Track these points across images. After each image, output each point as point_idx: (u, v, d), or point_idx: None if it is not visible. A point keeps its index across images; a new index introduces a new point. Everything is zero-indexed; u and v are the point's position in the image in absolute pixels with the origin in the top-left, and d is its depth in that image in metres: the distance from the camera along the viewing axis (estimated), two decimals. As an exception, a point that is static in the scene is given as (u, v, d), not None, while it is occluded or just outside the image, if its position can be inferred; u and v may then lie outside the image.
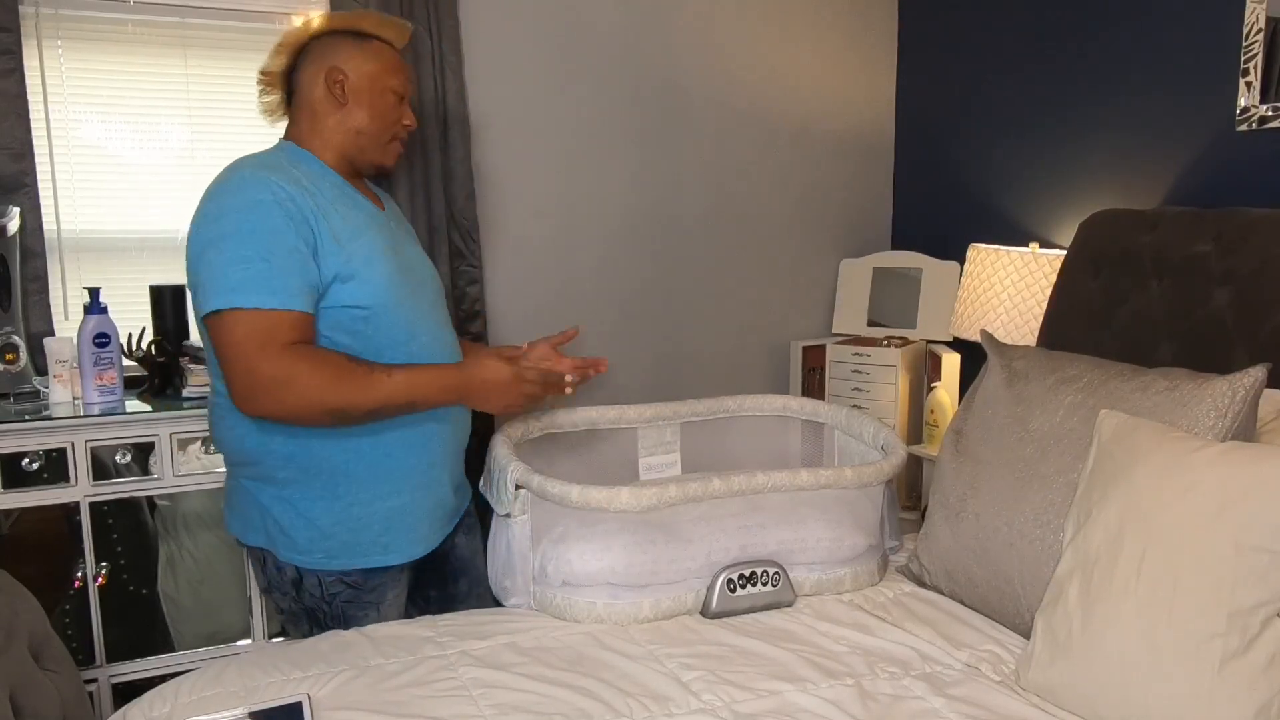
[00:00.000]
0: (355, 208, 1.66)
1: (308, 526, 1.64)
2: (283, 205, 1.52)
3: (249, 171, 1.55)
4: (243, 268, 1.48)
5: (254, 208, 1.50)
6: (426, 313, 1.72)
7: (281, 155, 1.65)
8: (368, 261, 1.60)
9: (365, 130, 1.69)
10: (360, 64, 1.68)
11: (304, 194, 1.56)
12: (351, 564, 1.67)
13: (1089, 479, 1.50)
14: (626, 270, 3.00)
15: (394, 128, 1.73)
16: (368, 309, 1.60)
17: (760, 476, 1.73)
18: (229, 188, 1.54)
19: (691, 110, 3.02)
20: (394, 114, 1.72)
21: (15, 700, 1.51)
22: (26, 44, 2.32)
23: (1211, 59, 2.21)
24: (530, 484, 1.69)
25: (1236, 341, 1.86)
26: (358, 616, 1.71)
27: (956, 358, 2.80)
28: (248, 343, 1.48)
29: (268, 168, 1.56)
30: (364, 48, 1.69)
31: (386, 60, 1.71)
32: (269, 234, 1.50)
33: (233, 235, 1.50)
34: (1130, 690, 1.32)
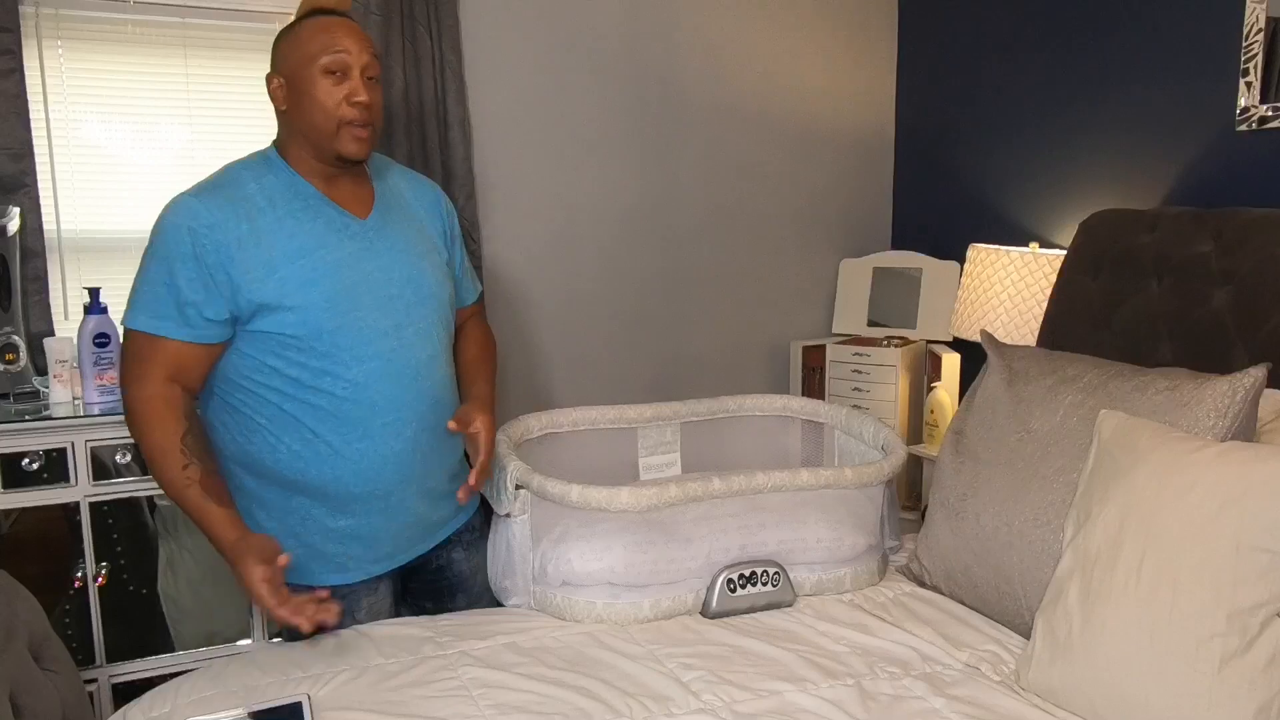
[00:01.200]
0: (314, 221, 1.58)
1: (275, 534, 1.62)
2: (195, 235, 1.50)
3: (188, 195, 1.55)
4: (142, 290, 1.54)
5: (169, 232, 1.52)
6: (388, 332, 1.60)
7: (253, 165, 1.62)
8: (302, 286, 1.54)
9: (311, 128, 1.57)
10: (288, 57, 1.57)
11: (238, 219, 1.53)
12: (311, 580, 1.64)
13: (1089, 479, 1.50)
14: (626, 270, 3.00)
15: (336, 112, 1.56)
16: (297, 336, 1.54)
17: (760, 476, 1.73)
18: (167, 207, 1.55)
19: (691, 110, 3.02)
20: (331, 98, 1.55)
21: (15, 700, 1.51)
22: (26, 44, 2.32)
23: (1211, 59, 2.21)
24: (530, 484, 1.69)
25: (1236, 341, 1.86)
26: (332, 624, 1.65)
27: (956, 358, 2.80)
28: (128, 362, 1.55)
29: (214, 188, 1.56)
30: (291, 35, 1.58)
31: (312, 40, 1.55)
32: (176, 260, 1.51)
33: (150, 256, 1.54)
34: (1130, 690, 1.32)
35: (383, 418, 1.61)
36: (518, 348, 2.87)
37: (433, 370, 1.67)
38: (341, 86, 1.56)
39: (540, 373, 2.91)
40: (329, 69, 1.55)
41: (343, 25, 1.57)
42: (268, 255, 1.53)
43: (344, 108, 1.56)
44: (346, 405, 1.58)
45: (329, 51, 1.54)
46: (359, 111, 1.56)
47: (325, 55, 1.54)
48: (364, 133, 1.58)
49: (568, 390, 2.93)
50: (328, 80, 1.55)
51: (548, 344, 2.92)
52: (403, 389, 1.62)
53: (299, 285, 1.53)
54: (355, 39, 1.57)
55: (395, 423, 1.62)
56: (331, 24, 1.57)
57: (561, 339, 2.93)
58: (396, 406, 1.62)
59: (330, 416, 1.58)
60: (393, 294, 1.62)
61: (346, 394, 1.57)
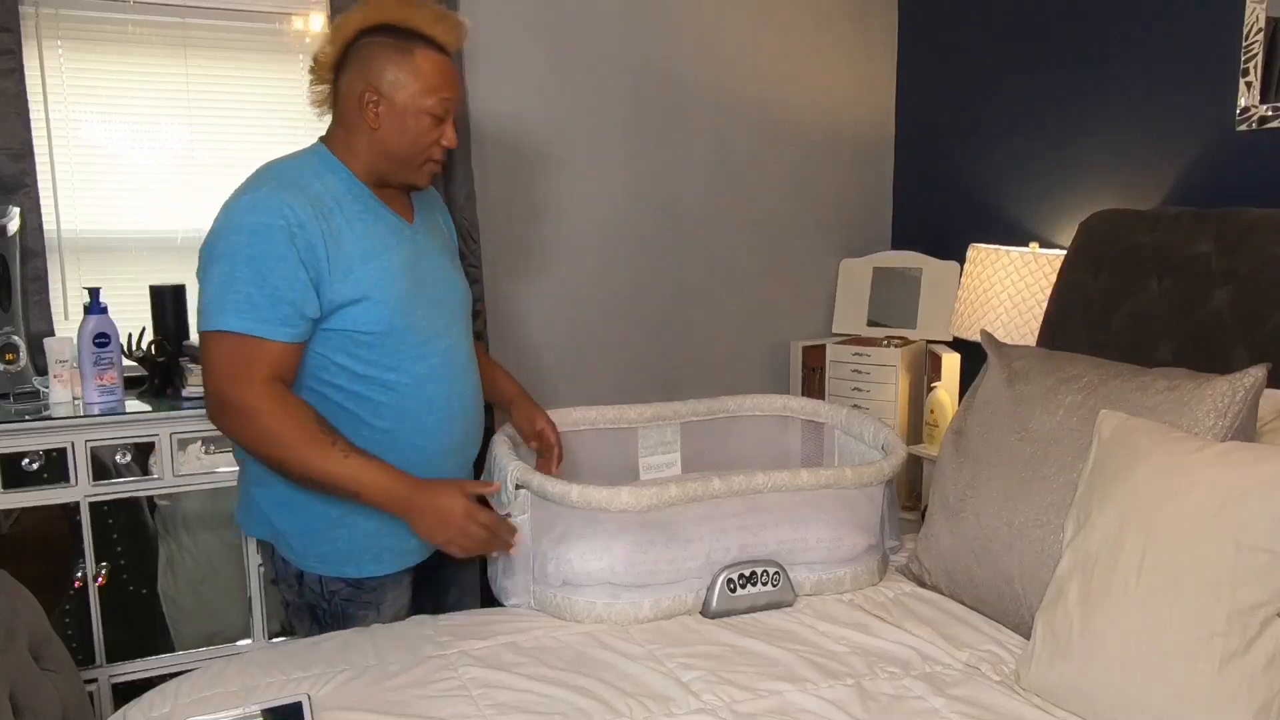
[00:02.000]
0: (377, 223, 1.62)
1: (302, 533, 1.66)
2: (289, 231, 1.50)
3: (266, 191, 1.53)
4: (234, 291, 1.49)
5: (259, 231, 1.50)
6: (442, 331, 1.69)
7: (310, 163, 1.62)
8: (378, 284, 1.58)
9: (395, 154, 1.62)
10: (397, 82, 1.58)
11: (318, 217, 1.54)
12: (344, 571, 1.68)
13: (1089, 479, 1.50)
14: (626, 270, 3.00)
15: (427, 150, 1.64)
16: (373, 334, 1.59)
17: (760, 476, 1.73)
18: (244, 205, 1.53)
19: (692, 110, 3.02)
20: (428, 137, 1.62)
21: (15, 700, 1.51)
22: (26, 44, 2.32)
23: (1211, 59, 2.21)
24: (530, 484, 1.69)
25: (1236, 341, 1.86)
26: (357, 616, 1.71)
27: (956, 358, 2.80)
28: (225, 366, 1.50)
29: (288, 186, 1.54)
30: (405, 61, 1.58)
31: (428, 78, 1.59)
32: (271, 260, 1.49)
33: (233, 256, 1.50)
34: (1130, 690, 1.32)
35: (437, 414, 1.68)
36: (518, 348, 2.87)
37: (473, 368, 1.77)
38: (438, 129, 1.63)
39: (540, 373, 2.91)
40: (435, 113, 1.61)
41: (453, 71, 1.64)
42: (346, 254, 1.56)
43: (435, 148, 1.64)
44: (406, 401, 1.64)
45: (443, 99, 1.61)
46: (442, 152, 1.66)
47: (439, 101, 1.60)
48: (438, 169, 1.69)
49: (568, 390, 2.93)
50: (430, 122, 1.61)
51: (547, 343, 2.92)
52: (454, 386, 1.70)
53: (375, 284, 1.57)
54: (456, 84, 1.64)
55: (447, 418, 1.70)
56: (447, 66, 1.62)
57: (561, 339, 2.93)
58: (448, 402, 1.70)
59: (391, 412, 1.63)
60: (440, 296, 1.70)
61: (407, 390, 1.63)
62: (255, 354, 1.50)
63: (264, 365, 1.50)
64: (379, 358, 1.60)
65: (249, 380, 1.49)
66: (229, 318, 1.49)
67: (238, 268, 1.49)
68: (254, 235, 1.49)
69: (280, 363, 1.52)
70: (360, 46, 1.60)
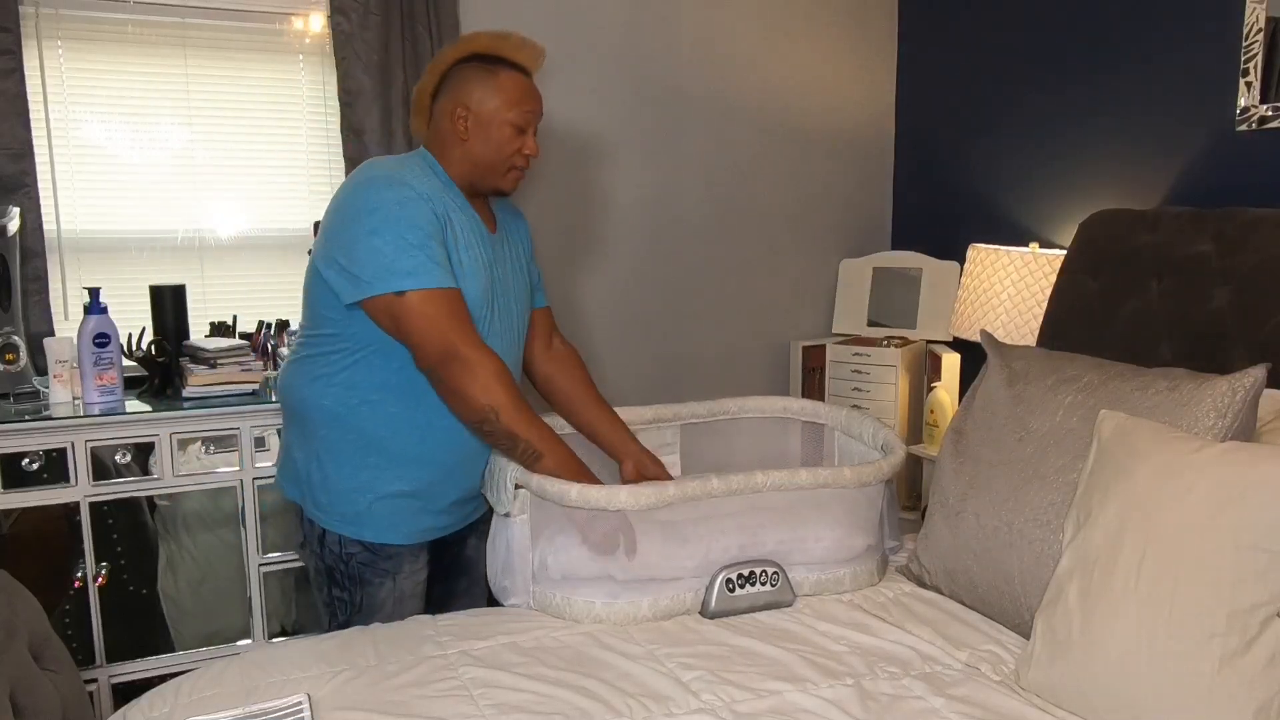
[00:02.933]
0: (469, 225, 1.76)
1: (330, 489, 1.76)
2: (429, 201, 1.68)
3: (392, 171, 1.69)
4: (411, 254, 1.63)
5: (406, 202, 1.65)
6: (502, 333, 1.80)
7: (414, 163, 1.76)
8: (471, 275, 1.72)
9: (482, 161, 1.77)
10: (484, 98, 1.76)
11: (433, 201, 1.69)
12: (360, 534, 1.77)
13: (1089, 479, 1.50)
14: (627, 270, 3.00)
15: (511, 159, 1.79)
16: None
17: (760, 476, 1.73)
18: (378, 183, 1.67)
19: (692, 110, 3.02)
20: (510, 146, 1.78)
21: (15, 700, 1.51)
22: (26, 44, 2.33)
23: (1211, 59, 2.21)
24: (529, 483, 1.69)
25: (1236, 341, 1.86)
26: (373, 582, 1.79)
27: (956, 358, 2.80)
28: (439, 319, 1.64)
29: (409, 172, 1.70)
30: (491, 80, 1.76)
31: (509, 93, 1.77)
32: (424, 224, 1.65)
33: (393, 225, 1.63)
34: (1130, 690, 1.32)
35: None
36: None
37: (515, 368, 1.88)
38: (521, 139, 1.79)
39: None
40: (517, 124, 1.77)
41: (534, 89, 1.81)
42: (453, 238, 1.71)
43: (518, 157, 1.80)
44: None
45: (524, 111, 1.78)
46: (527, 161, 1.81)
47: (519, 113, 1.77)
48: (521, 176, 1.83)
49: (568, 390, 2.93)
50: (512, 131, 1.77)
51: (548, 344, 2.92)
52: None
53: (470, 274, 1.72)
54: (538, 101, 1.82)
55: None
56: (527, 84, 1.80)
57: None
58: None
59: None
60: (507, 304, 1.83)
61: None
62: (455, 304, 1.66)
63: (465, 312, 1.68)
64: None
65: (464, 330, 1.65)
66: (423, 277, 1.63)
67: (403, 233, 1.63)
68: (402, 206, 1.64)
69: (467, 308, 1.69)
70: (453, 74, 1.79)
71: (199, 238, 2.58)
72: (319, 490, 1.77)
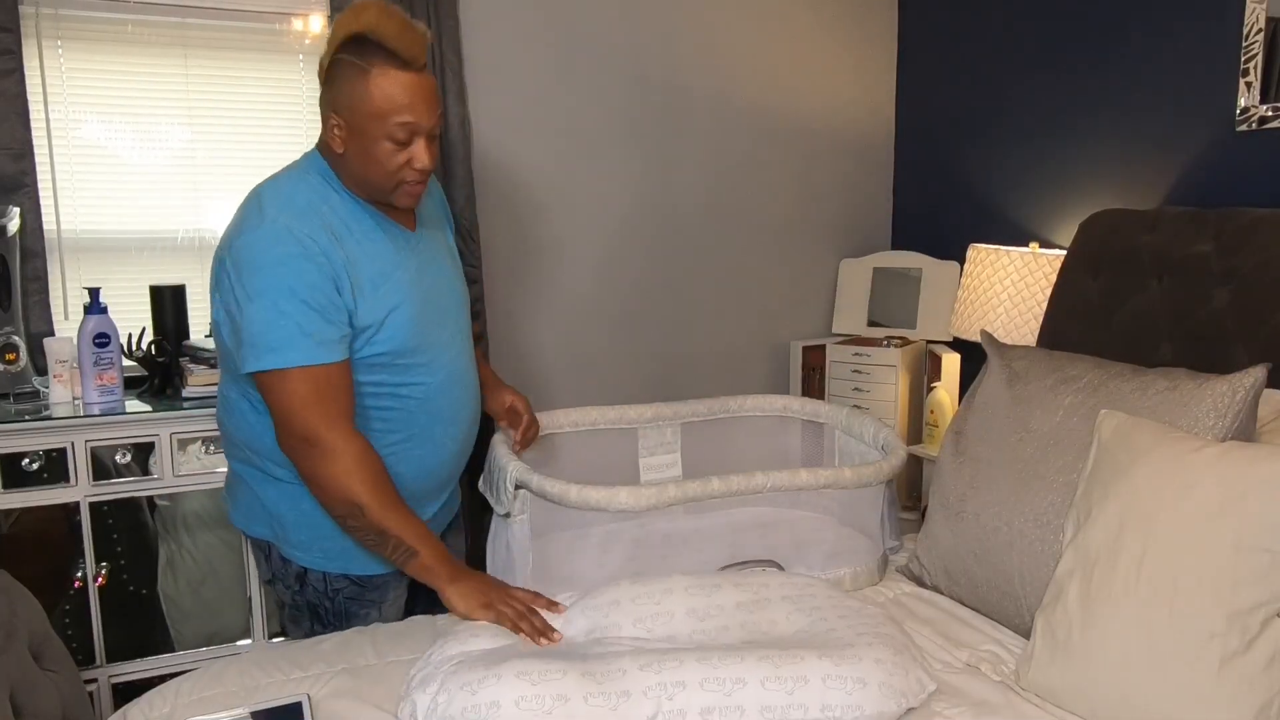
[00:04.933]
0: (385, 240, 1.59)
1: (308, 525, 1.66)
2: (315, 259, 1.47)
3: (285, 221, 1.48)
4: (284, 325, 1.46)
5: (288, 262, 1.46)
6: (447, 342, 1.68)
7: (313, 184, 1.56)
8: (392, 308, 1.56)
9: (362, 179, 1.55)
10: (355, 105, 1.49)
11: (334, 243, 1.50)
12: (346, 569, 1.69)
13: (1089, 479, 1.50)
14: (626, 270, 3.00)
15: (396, 175, 1.53)
16: (387, 354, 1.59)
17: (760, 476, 1.73)
18: (266, 238, 1.47)
19: (692, 110, 3.02)
20: (393, 161, 1.51)
21: (15, 700, 1.51)
22: (26, 44, 2.32)
23: (1211, 59, 2.21)
24: (530, 483, 1.69)
25: (1236, 341, 1.86)
26: (360, 614, 1.72)
27: (956, 358, 2.80)
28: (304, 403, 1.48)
29: (302, 214, 1.50)
30: (362, 82, 1.47)
31: (385, 96, 1.47)
32: (307, 289, 1.46)
33: (273, 290, 1.46)
34: (1130, 690, 1.32)
35: (444, 424, 1.69)
36: (518, 349, 2.87)
37: (473, 371, 1.77)
38: (405, 152, 1.51)
39: (540, 373, 2.91)
40: (395, 137, 1.49)
41: (416, 86, 1.49)
42: (362, 280, 1.53)
43: (406, 171, 1.53)
44: (415, 415, 1.65)
45: (399, 118, 1.48)
46: (419, 174, 1.55)
47: (394, 121, 1.48)
48: (420, 189, 1.57)
49: (568, 390, 2.93)
50: (391, 145, 1.50)
51: (548, 344, 2.92)
52: (458, 395, 1.71)
53: (388, 309, 1.55)
54: (426, 102, 1.50)
55: (453, 426, 1.72)
56: (404, 84, 1.47)
57: (561, 339, 2.93)
58: (455, 411, 1.71)
59: (400, 425, 1.64)
60: (446, 305, 1.68)
61: (417, 405, 1.64)
62: (325, 384, 1.49)
63: (338, 393, 1.50)
64: (390, 377, 1.61)
65: (330, 415, 1.49)
66: (289, 353, 1.46)
67: (280, 301, 1.46)
68: (284, 266, 1.46)
69: (346, 385, 1.52)
70: (334, 62, 1.51)
71: (199, 238, 2.58)
72: (295, 529, 1.66)
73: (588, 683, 1.29)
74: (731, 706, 1.28)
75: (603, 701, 1.27)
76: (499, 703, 1.26)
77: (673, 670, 1.31)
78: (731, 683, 1.30)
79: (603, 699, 1.27)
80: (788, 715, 1.28)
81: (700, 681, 1.30)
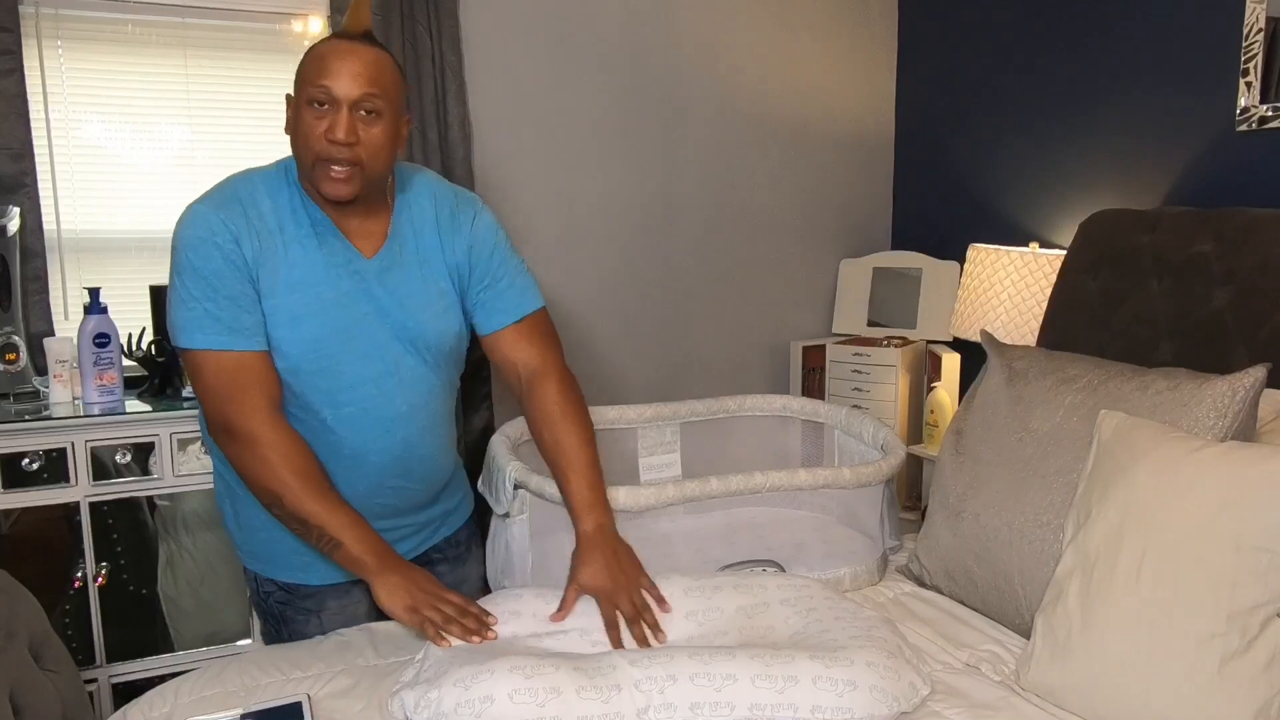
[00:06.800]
0: (319, 252, 1.49)
1: (240, 527, 1.64)
2: (222, 249, 1.42)
3: (205, 206, 1.45)
4: (192, 306, 1.42)
5: (196, 246, 1.42)
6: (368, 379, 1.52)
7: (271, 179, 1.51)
8: (291, 321, 1.46)
9: (297, 158, 1.47)
10: (296, 81, 1.45)
11: (252, 235, 1.44)
12: (273, 574, 1.64)
13: (1089, 479, 1.50)
14: (626, 270, 3.00)
15: (315, 148, 1.41)
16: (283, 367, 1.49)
17: (759, 476, 1.73)
18: (185, 218, 1.45)
19: (692, 110, 3.02)
20: (313, 132, 1.40)
21: (15, 700, 1.51)
22: (26, 44, 2.32)
23: (1211, 59, 2.21)
24: (529, 483, 1.69)
25: (1236, 341, 1.86)
26: (296, 620, 1.65)
27: (956, 358, 2.80)
28: (216, 388, 1.44)
29: (228, 202, 1.45)
30: (308, 54, 1.44)
31: (310, 64, 1.42)
32: (213, 274, 1.42)
33: (181, 271, 1.43)
34: (1130, 690, 1.32)
35: (346, 462, 1.55)
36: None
37: (409, 422, 1.58)
38: (323, 120, 1.41)
39: (540, 373, 2.91)
40: (314, 99, 1.40)
41: (344, 51, 1.41)
42: (270, 279, 1.46)
43: (322, 143, 1.41)
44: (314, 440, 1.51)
45: (317, 81, 1.40)
46: (337, 150, 1.41)
47: (312, 84, 1.40)
48: (343, 173, 1.42)
49: (568, 390, 2.93)
50: (311, 111, 1.41)
51: (548, 344, 2.92)
52: (371, 440, 1.54)
53: (288, 319, 1.46)
54: (351, 67, 1.40)
55: (358, 469, 1.56)
56: (332, 49, 1.42)
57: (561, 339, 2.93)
58: (361, 455, 1.55)
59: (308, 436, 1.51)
60: (381, 341, 1.53)
61: (311, 433, 1.51)
62: (237, 370, 1.43)
63: (252, 380, 1.44)
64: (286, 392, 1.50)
65: (245, 402, 1.43)
66: (195, 335, 1.43)
67: (187, 283, 1.42)
68: (192, 250, 1.42)
69: (264, 373, 1.45)
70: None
71: (199, 238, 2.58)
72: (231, 524, 1.64)
73: (580, 677, 1.30)
74: (721, 702, 1.28)
75: (595, 695, 1.28)
76: (493, 696, 1.26)
77: (664, 665, 1.32)
78: (722, 678, 1.29)
79: (594, 692, 1.28)
80: (777, 714, 1.28)
81: (691, 676, 1.30)
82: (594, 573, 1.50)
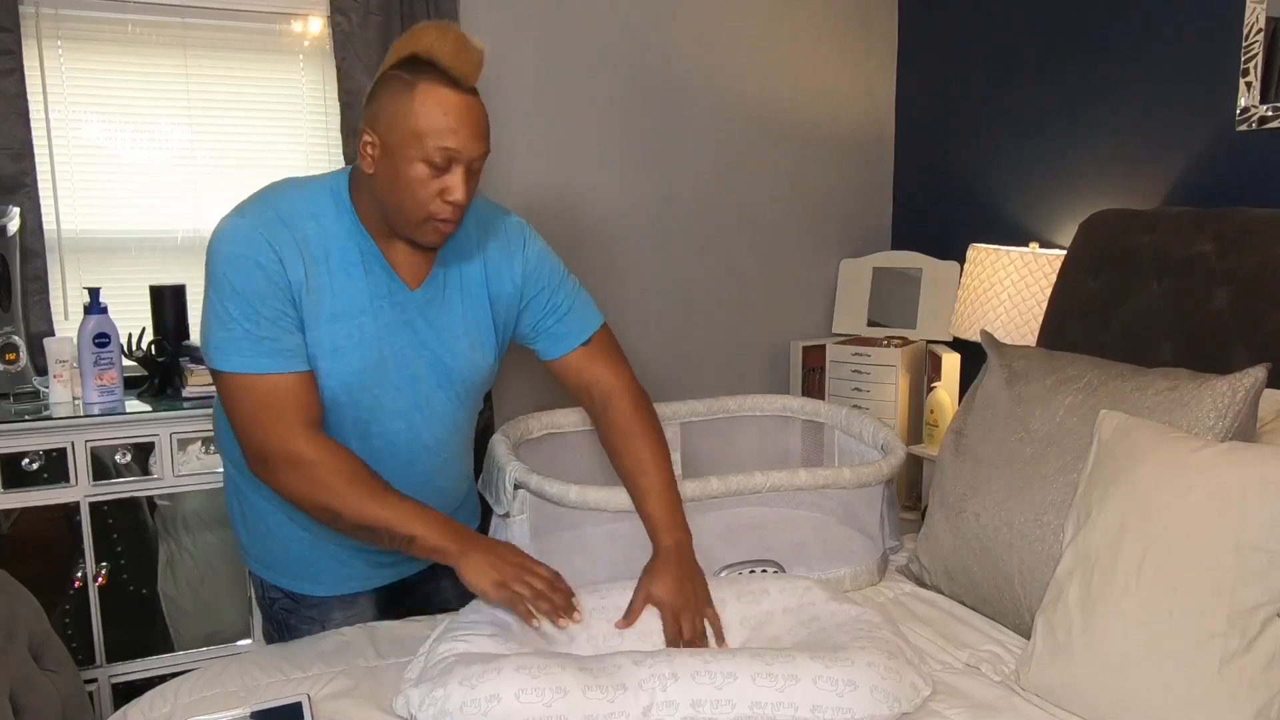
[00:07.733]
0: (365, 281, 1.43)
1: (249, 532, 1.62)
2: (266, 270, 1.35)
3: (251, 221, 1.37)
4: (230, 327, 1.36)
5: (237, 263, 1.35)
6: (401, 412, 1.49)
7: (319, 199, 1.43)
8: (331, 353, 1.41)
9: (390, 207, 1.38)
10: (394, 123, 1.34)
11: (298, 261, 1.38)
12: (277, 581, 1.63)
13: (1089, 479, 1.50)
14: (626, 270, 3.00)
15: (427, 206, 1.36)
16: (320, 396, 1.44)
17: (759, 476, 1.73)
18: (229, 231, 1.38)
19: (692, 110, 3.02)
20: (425, 190, 1.35)
21: (15, 700, 1.51)
22: (26, 44, 2.32)
23: (1211, 59, 2.21)
24: (529, 483, 1.69)
25: (1236, 341, 1.86)
26: (300, 629, 1.64)
27: (956, 358, 2.80)
28: (254, 416, 1.38)
29: (276, 222, 1.38)
30: (406, 97, 1.33)
31: (428, 113, 1.32)
32: (254, 297, 1.35)
33: (221, 287, 1.37)
34: (1130, 690, 1.32)
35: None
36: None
37: (434, 455, 1.57)
38: (440, 180, 1.35)
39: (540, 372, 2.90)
40: (432, 160, 1.34)
41: (464, 108, 1.35)
42: (317, 309, 1.40)
43: (436, 203, 1.36)
44: None
45: (440, 141, 1.33)
46: (451, 210, 1.37)
47: (434, 143, 1.33)
48: (450, 228, 1.40)
49: (568, 390, 2.93)
50: (427, 169, 1.34)
51: (548, 344, 2.92)
52: (392, 473, 1.48)
53: (329, 350, 1.41)
54: (473, 128, 1.35)
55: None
56: (452, 104, 1.33)
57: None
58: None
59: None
60: (417, 374, 1.49)
61: None
62: (275, 394, 1.37)
63: (292, 404, 1.38)
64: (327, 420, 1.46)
65: (284, 426, 1.37)
66: (234, 357, 1.36)
67: (226, 301, 1.36)
68: (234, 267, 1.35)
69: (304, 396, 1.39)
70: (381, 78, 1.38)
71: (199, 238, 2.57)
72: (239, 527, 1.63)
73: (585, 676, 1.30)
74: (722, 700, 1.28)
75: (600, 694, 1.28)
76: (499, 695, 1.26)
77: (666, 663, 1.33)
78: (723, 676, 1.30)
79: (600, 692, 1.28)
80: (777, 713, 1.28)
81: (692, 674, 1.30)
82: (666, 587, 1.51)
